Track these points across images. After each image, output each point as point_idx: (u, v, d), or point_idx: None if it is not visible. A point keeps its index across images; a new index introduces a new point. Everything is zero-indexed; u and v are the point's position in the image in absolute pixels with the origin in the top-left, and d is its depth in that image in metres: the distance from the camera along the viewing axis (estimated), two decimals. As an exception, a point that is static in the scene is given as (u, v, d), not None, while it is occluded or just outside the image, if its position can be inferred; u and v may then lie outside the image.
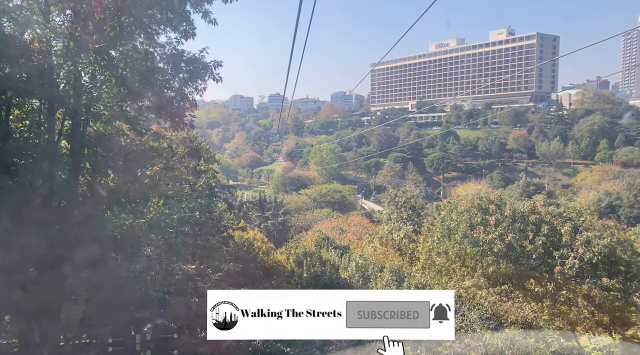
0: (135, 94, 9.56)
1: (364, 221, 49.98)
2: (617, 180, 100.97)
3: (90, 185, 9.56)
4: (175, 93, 10.51)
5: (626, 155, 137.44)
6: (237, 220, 29.84)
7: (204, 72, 10.48)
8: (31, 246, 8.23)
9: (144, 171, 10.28)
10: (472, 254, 17.86)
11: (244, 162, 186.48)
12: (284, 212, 60.15)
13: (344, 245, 34.45)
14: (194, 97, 11.68)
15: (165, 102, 10.16)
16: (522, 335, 12.54)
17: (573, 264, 15.68)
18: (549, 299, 16.39)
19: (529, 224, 17.35)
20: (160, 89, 10.01)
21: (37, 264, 8.58)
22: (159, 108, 10.10)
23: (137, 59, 9.01)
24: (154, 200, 10.84)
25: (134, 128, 10.01)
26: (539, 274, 17.41)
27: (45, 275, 8.66)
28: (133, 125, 9.92)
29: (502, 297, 13.76)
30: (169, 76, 10.29)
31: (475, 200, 19.05)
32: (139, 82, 9.26)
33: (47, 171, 8.56)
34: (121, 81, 9.00)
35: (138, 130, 10.04)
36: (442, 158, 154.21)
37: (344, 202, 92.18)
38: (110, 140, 9.24)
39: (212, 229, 20.02)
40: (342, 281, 18.55)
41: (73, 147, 9.19)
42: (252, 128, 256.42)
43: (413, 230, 29.80)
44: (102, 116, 9.47)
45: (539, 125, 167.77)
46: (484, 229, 17.84)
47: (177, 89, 10.50)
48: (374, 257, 19.64)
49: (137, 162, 9.98)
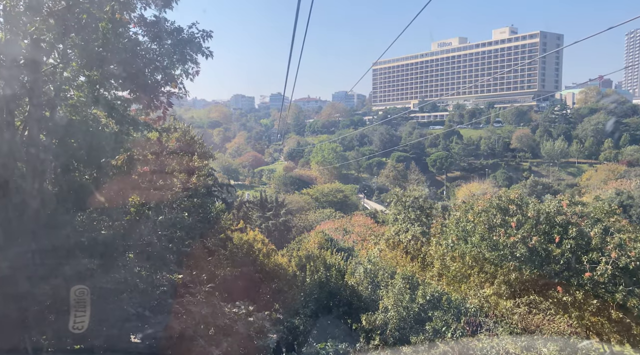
0: (107, 69, 8.04)
1: (369, 221, 48.49)
2: (623, 180, 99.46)
3: (58, 182, 8.09)
4: (161, 75, 9.01)
5: (632, 154, 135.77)
6: (237, 221, 28.34)
7: (191, 46, 8.97)
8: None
9: (122, 164, 8.74)
10: (491, 258, 16.34)
11: (245, 161, 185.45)
12: (285, 212, 58.72)
13: (348, 246, 32.99)
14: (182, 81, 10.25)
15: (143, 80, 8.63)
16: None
17: (605, 270, 14.12)
18: (577, 309, 14.87)
19: (555, 226, 15.80)
20: (140, 65, 8.47)
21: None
22: (134, 84, 8.53)
23: (103, 19, 7.45)
24: (134, 199, 9.36)
25: (111, 115, 8.53)
26: (565, 281, 15.90)
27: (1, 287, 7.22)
28: (109, 111, 8.44)
29: (530, 308, 12.28)
30: (150, 48, 8.75)
31: (493, 199, 17.51)
32: (110, 54, 7.75)
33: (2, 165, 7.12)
34: (85, 52, 7.50)
35: (117, 119, 8.56)
36: (445, 157, 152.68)
37: (346, 202, 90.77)
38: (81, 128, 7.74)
39: (209, 230, 18.54)
40: (349, 288, 17.08)
41: (31, 135, 7.67)
42: (253, 127, 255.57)
43: (421, 232, 28.30)
44: (70, 100, 7.97)
45: (543, 125, 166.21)
46: (504, 232, 16.31)
47: (163, 69, 8.99)
48: (383, 261, 18.19)
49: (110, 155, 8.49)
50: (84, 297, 7.29)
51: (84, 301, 7.33)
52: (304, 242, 34.69)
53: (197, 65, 11.07)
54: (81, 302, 7.28)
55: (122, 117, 8.54)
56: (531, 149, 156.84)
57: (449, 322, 13.35)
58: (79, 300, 7.24)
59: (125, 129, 8.99)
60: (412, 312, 14.06)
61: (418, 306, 14.08)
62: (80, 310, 7.32)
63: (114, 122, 8.92)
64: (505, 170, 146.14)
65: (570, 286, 15.37)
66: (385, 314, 14.30)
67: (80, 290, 7.27)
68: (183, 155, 14.70)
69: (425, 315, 13.92)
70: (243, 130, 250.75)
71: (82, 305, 7.30)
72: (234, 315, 8.21)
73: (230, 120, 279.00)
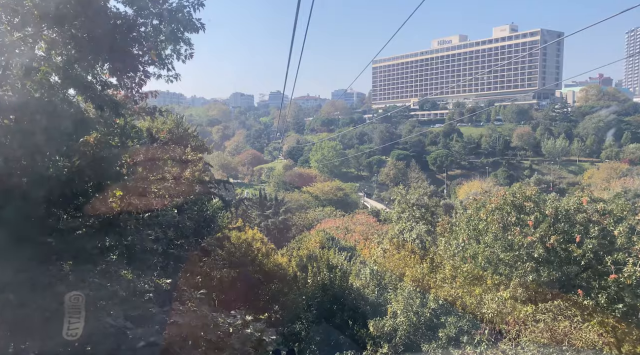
0: (66, 30, 6.83)
1: (371, 220, 47.41)
2: (626, 178, 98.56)
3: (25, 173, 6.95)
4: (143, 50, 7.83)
5: (634, 152, 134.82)
6: (235, 219, 27.23)
7: (179, 21, 7.81)
8: None
9: (94, 149, 7.49)
10: (505, 259, 15.27)
11: (244, 160, 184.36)
12: (285, 210, 57.66)
13: (350, 246, 31.92)
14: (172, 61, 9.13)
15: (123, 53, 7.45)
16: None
17: (633, 271, 13.06)
18: (600, 314, 13.79)
19: (575, 225, 14.74)
20: (108, 27, 7.22)
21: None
22: (104, 51, 7.31)
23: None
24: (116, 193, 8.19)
25: (86, 95, 7.38)
26: (585, 284, 14.84)
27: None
28: (84, 91, 7.28)
29: (555, 315, 11.22)
30: (124, 15, 7.55)
31: (507, 196, 16.43)
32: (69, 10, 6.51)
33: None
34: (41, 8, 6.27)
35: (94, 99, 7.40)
36: (445, 155, 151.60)
37: (346, 201, 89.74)
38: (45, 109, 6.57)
39: (205, 229, 17.43)
40: (354, 291, 15.94)
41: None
42: (252, 126, 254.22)
43: (427, 231, 27.29)
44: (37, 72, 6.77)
45: (544, 123, 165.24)
46: (520, 230, 15.24)
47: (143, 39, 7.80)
48: (390, 262, 17.08)
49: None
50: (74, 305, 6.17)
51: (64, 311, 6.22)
52: (305, 241, 33.63)
53: (191, 46, 10.00)
54: (72, 310, 6.15)
55: (99, 98, 7.39)
56: (532, 147, 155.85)
57: (464, 329, 12.26)
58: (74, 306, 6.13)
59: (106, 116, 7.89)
60: (423, 317, 12.99)
61: (430, 311, 13.01)
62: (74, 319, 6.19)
63: (94, 107, 7.82)
64: (506, 168, 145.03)
65: (591, 289, 14.33)
66: (394, 320, 13.22)
67: (76, 296, 6.15)
68: (175, 148, 13.60)
69: (437, 321, 12.84)
70: (242, 128, 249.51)
71: (64, 316, 6.18)
72: (228, 327, 7.14)
73: (230, 118, 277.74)
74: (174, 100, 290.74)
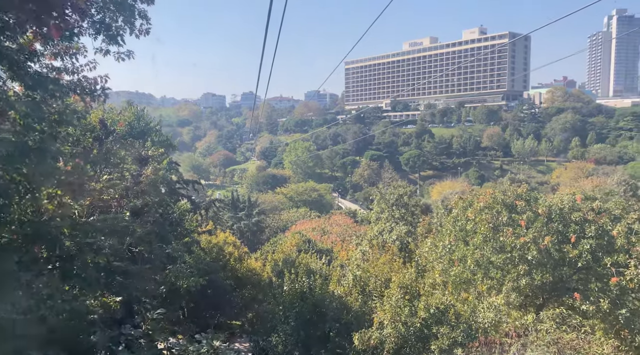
0: None
1: (348, 221, 46.27)
2: (593, 177, 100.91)
3: None
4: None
5: (598, 152, 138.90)
6: (205, 222, 25.51)
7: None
8: None
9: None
10: (497, 262, 14.25)
11: (216, 161, 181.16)
12: (258, 212, 55.97)
13: (327, 248, 30.63)
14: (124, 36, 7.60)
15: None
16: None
17: (636, 274, 12.21)
18: (601, 321, 12.92)
19: (569, 224, 13.85)
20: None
21: None
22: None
23: None
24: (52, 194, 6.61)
25: (13, 70, 5.84)
26: (582, 287, 13.96)
27: None
28: (10, 65, 5.74)
29: (558, 324, 10.21)
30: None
31: (497, 194, 15.45)
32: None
33: None
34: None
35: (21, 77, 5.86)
36: (417, 156, 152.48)
37: (321, 201, 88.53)
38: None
39: (170, 233, 15.77)
40: (336, 300, 14.59)
41: None
42: (224, 126, 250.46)
43: (407, 232, 26.23)
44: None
45: (513, 123, 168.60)
46: (512, 231, 14.26)
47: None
48: (375, 267, 15.83)
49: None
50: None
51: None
52: (280, 244, 32.14)
53: (147, 20, 8.51)
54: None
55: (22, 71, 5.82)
56: (502, 148, 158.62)
57: (458, 340, 11.11)
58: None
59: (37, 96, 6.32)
60: (412, 328, 11.79)
61: (420, 321, 11.82)
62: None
63: (20, 84, 6.25)
64: (477, 168, 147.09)
65: (589, 293, 13.45)
66: (380, 331, 11.98)
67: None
68: (133, 142, 11.97)
69: (428, 332, 11.66)
70: (214, 129, 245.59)
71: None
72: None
73: (201, 119, 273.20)
74: (143, 100, 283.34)
